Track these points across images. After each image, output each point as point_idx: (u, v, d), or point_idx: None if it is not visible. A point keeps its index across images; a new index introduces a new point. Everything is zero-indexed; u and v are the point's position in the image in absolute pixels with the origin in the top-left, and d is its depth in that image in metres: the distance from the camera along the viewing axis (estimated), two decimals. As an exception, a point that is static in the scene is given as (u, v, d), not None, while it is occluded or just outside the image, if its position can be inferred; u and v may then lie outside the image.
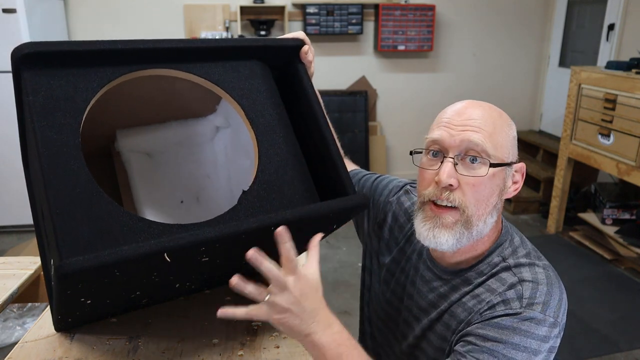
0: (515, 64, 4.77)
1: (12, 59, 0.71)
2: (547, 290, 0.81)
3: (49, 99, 0.71)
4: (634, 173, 2.88)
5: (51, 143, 0.69)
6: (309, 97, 0.90)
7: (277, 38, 0.92)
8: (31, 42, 0.71)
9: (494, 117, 0.84)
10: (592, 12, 4.26)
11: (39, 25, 3.44)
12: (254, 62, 0.90)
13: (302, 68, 0.92)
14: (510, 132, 0.86)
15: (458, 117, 0.83)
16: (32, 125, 0.69)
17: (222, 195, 1.14)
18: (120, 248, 0.65)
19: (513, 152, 0.86)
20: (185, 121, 1.12)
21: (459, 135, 0.81)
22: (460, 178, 0.81)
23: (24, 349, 0.90)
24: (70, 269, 0.62)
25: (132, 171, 1.07)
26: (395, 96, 4.62)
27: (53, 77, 0.73)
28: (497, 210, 0.85)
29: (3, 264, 1.30)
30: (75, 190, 0.68)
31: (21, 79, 0.71)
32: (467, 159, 0.81)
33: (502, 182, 0.84)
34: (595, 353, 2.38)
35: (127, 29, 4.08)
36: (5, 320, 1.40)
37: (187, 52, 0.83)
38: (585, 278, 3.05)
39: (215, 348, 0.90)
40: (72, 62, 0.74)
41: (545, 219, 3.80)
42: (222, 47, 0.86)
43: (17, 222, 3.59)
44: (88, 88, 0.74)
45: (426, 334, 0.93)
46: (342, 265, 3.15)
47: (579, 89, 3.30)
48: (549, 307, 0.79)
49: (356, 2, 4.23)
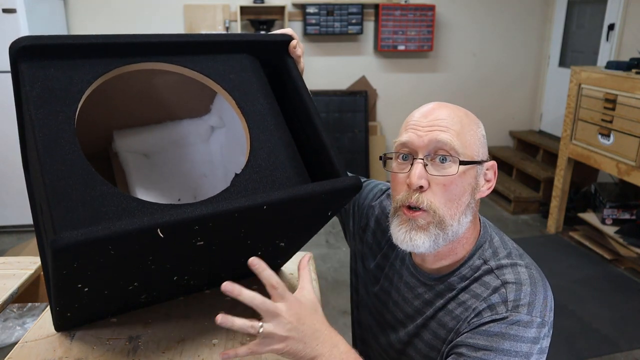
0: (515, 64, 4.78)
1: (10, 51, 0.74)
2: (531, 290, 0.81)
3: (45, 90, 0.74)
4: (634, 173, 2.88)
5: (47, 128, 0.71)
6: (298, 89, 0.93)
7: (266, 34, 0.96)
8: (29, 36, 0.74)
9: (461, 116, 0.84)
10: (592, 12, 4.26)
11: (39, 25, 3.44)
12: (244, 56, 0.93)
13: (291, 62, 0.95)
14: (479, 131, 0.86)
15: (425, 118, 0.83)
16: (29, 114, 0.72)
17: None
18: (113, 223, 0.67)
19: (483, 150, 0.86)
20: (180, 121, 1.14)
21: (427, 135, 0.81)
22: (430, 179, 0.81)
23: (24, 349, 0.90)
24: (64, 243, 0.63)
25: (130, 171, 1.09)
26: (395, 96, 4.62)
27: (49, 69, 0.75)
28: (472, 209, 0.85)
29: (3, 264, 1.30)
30: (71, 172, 0.70)
31: (18, 71, 0.74)
32: (437, 158, 0.81)
33: (473, 180, 0.84)
34: (595, 353, 2.38)
35: (127, 29, 4.08)
36: (5, 320, 1.40)
37: (179, 46, 0.86)
38: (585, 278, 3.05)
39: (215, 348, 0.90)
40: (68, 54, 0.77)
41: (545, 219, 3.80)
42: (213, 42, 0.90)
43: (17, 222, 3.59)
44: (83, 79, 0.77)
45: (412, 340, 0.93)
46: (342, 265, 3.15)
47: (579, 89, 3.30)
48: (535, 308, 0.79)
49: (356, 2, 4.23)
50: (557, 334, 2.50)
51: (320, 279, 1.21)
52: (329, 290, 2.90)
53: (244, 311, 1.05)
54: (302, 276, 0.78)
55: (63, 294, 0.83)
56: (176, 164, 1.14)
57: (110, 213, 0.70)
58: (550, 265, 3.18)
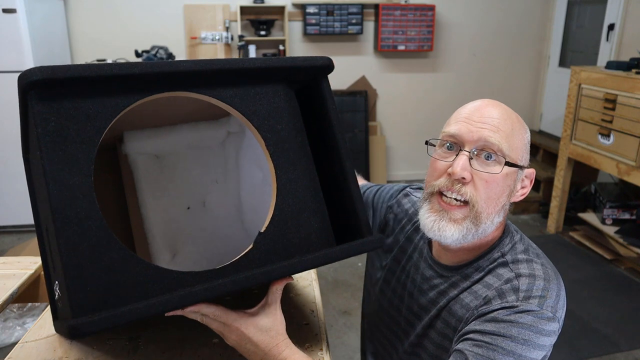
0: (515, 64, 4.77)
1: (19, 84, 0.66)
2: (545, 285, 0.81)
3: (59, 131, 0.66)
4: (634, 173, 2.88)
5: (62, 183, 0.65)
6: (331, 123, 0.84)
7: (305, 57, 0.84)
8: (40, 68, 0.64)
9: (512, 119, 0.85)
10: (592, 12, 4.26)
11: (39, 25, 3.44)
12: (279, 87, 0.84)
13: (326, 87, 0.85)
14: (526, 136, 0.86)
15: (477, 113, 0.83)
16: (41, 162, 0.65)
17: (229, 201, 1.12)
18: (133, 306, 0.64)
19: (526, 156, 0.86)
20: (196, 124, 1.08)
21: (477, 131, 0.81)
22: (473, 173, 0.81)
23: (24, 349, 0.90)
24: (84, 331, 0.61)
25: (139, 174, 1.05)
26: (395, 96, 4.62)
27: (62, 105, 0.67)
28: (505, 211, 0.86)
29: (3, 264, 1.30)
30: (88, 238, 0.65)
31: (28, 108, 0.67)
32: (483, 155, 0.81)
33: (513, 183, 0.84)
34: (595, 353, 2.38)
35: (127, 30, 4.08)
36: (5, 320, 1.40)
37: (208, 75, 0.76)
38: (585, 278, 3.05)
39: (215, 348, 0.90)
40: (83, 88, 0.69)
41: (545, 219, 3.80)
42: (246, 69, 0.79)
43: (17, 222, 3.59)
44: (101, 117, 0.69)
45: (427, 331, 0.93)
46: (342, 265, 3.15)
47: (579, 89, 3.30)
48: (546, 301, 0.79)
49: (356, 2, 4.23)
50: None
51: (320, 279, 1.21)
52: (329, 290, 2.90)
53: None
54: (272, 292, 0.79)
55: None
56: (187, 168, 1.10)
57: (129, 284, 0.67)
58: (550, 265, 3.18)
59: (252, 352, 0.77)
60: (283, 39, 4.18)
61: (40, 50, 3.43)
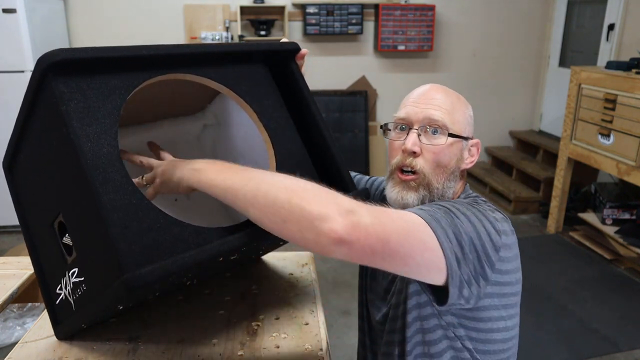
0: (515, 64, 4.78)
1: (39, 65, 0.69)
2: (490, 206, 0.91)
3: (84, 108, 0.71)
4: (634, 173, 2.88)
5: (94, 154, 0.69)
6: (306, 98, 0.96)
7: (277, 42, 0.99)
8: (61, 49, 0.69)
9: (453, 98, 0.97)
10: (592, 12, 4.26)
11: (39, 25, 3.44)
12: (260, 66, 0.97)
13: (296, 69, 0.98)
14: (467, 112, 0.98)
15: (422, 97, 0.97)
16: (69, 137, 0.69)
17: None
18: (182, 256, 0.69)
19: (469, 129, 0.99)
20: (175, 119, 1.14)
21: (422, 112, 0.95)
22: (422, 147, 0.94)
23: (24, 349, 0.90)
24: (141, 281, 0.64)
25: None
26: (395, 96, 4.61)
27: (85, 85, 0.72)
28: (456, 177, 0.97)
29: (3, 264, 1.30)
30: (125, 202, 0.69)
31: (52, 87, 0.70)
32: (429, 130, 0.94)
33: (459, 152, 0.97)
34: (595, 353, 2.38)
35: (127, 29, 4.08)
36: (5, 320, 1.40)
37: (203, 56, 0.88)
38: (585, 278, 3.05)
39: (215, 348, 0.90)
40: (101, 69, 0.75)
41: (545, 219, 3.80)
42: (232, 52, 0.94)
43: (17, 222, 3.58)
44: (118, 94, 0.75)
45: (406, 298, 0.95)
46: (342, 265, 3.15)
47: (579, 89, 3.30)
48: (494, 211, 0.89)
49: (356, 2, 4.24)
50: (557, 334, 2.51)
51: (320, 279, 1.21)
52: (329, 290, 2.90)
53: (244, 310, 1.05)
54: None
55: (99, 315, 0.85)
56: None
57: (169, 242, 0.71)
58: (550, 265, 3.18)
59: (182, 161, 0.84)
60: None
61: (40, 50, 3.43)
